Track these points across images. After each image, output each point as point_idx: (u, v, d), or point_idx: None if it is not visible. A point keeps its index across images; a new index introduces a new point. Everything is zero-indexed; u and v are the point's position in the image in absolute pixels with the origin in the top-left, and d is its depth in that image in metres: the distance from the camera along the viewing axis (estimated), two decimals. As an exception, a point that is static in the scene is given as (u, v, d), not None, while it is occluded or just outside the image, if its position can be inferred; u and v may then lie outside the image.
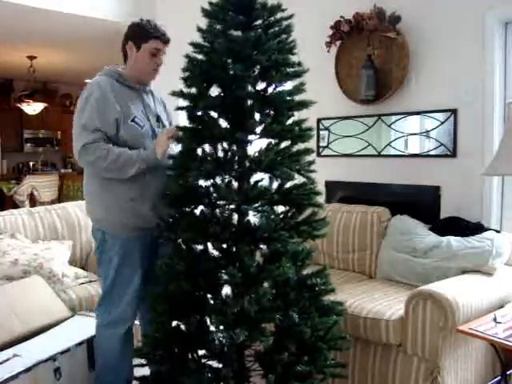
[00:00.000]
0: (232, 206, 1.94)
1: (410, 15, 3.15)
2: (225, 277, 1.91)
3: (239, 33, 1.95)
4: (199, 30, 1.99)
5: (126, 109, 2.19)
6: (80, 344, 2.42)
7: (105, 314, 2.28)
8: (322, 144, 3.71)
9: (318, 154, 3.68)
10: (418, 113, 3.22)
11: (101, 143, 2.13)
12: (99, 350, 2.34)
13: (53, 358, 2.28)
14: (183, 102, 2.06)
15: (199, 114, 2.01)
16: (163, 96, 2.47)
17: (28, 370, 2.16)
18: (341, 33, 3.40)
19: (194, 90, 2.00)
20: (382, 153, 3.41)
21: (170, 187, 2.11)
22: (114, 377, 2.28)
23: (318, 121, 3.70)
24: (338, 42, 3.47)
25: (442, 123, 3.10)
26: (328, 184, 3.60)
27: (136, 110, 2.24)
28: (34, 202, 7.20)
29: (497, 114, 2.88)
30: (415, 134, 3.26)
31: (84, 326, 2.56)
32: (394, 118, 3.34)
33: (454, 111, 3.03)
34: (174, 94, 2.03)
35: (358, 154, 3.52)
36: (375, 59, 3.28)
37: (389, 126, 3.36)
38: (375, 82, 3.27)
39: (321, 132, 3.71)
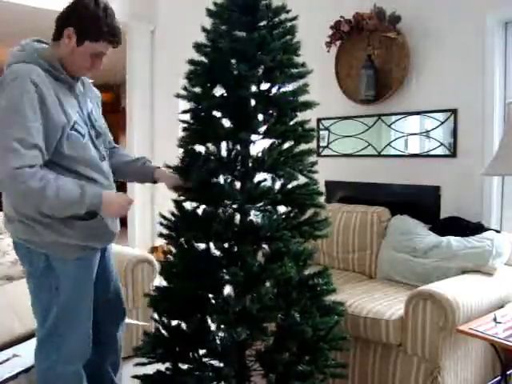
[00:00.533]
0: (234, 206, 1.94)
1: (409, 15, 3.15)
2: (227, 276, 1.91)
3: (244, 33, 1.95)
4: (204, 30, 1.99)
5: (65, 114, 1.73)
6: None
7: (52, 353, 1.82)
8: (322, 144, 3.71)
9: (318, 154, 3.69)
10: (418, 113, 3.22)
11: (39, 169, 1.64)
12: None
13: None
14: (186, 104, 2.06)
15: (202, 113, 2.01)
16: (168, 97, 2.33)
17: (27, 370, 2.15)
18: (341, 33, 3.41)
19: (197, 90, 2.00)
20: (382, 153, 3.41)
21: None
22: None
23: (318, 121, 3.70)
24: (338, 42, 3.47)
25: (442, 123, 3.10)
26: (328, 184, 3.60)
27: (74, 112, 1.78)
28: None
29: (497, 114, 2.88)
30: (415, 134, 3.26)
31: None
32: (393, 117, 3.34)
33: (454, 111, 3.03)
34: (179, 96, 2.03)
35: (358, 154, 3.52)
36: (375, 59, 3.29)
37: (389, 126, 3.36)
38: (375, 82, 3.28)
39: (321, 132, 3.71)
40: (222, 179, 1.98)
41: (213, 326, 1.95)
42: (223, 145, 1.96)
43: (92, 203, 1.73)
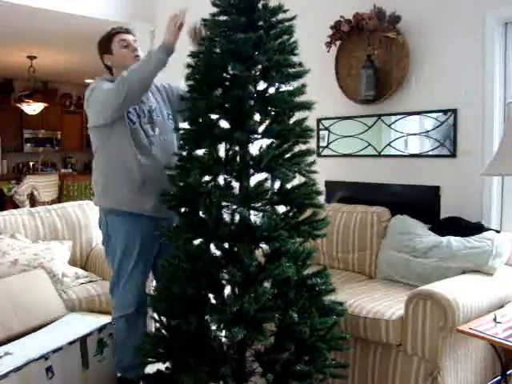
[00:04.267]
0: (234, 206, 1.94)
1: (410, 15, 3.15)
2: (226, 276, 1.91)
3: (241, 34, 1.95)
4: (202, 39, 2.00)
5: None
6: (73, 342, 2.41)
7: (114, 300, 2.49)
8: (322, 144, 3.71)
9: (318, 154, 3.68)
10: (418, 113, 3.22)
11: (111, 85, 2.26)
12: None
13: (45, 357, 2.26)
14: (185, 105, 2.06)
15: (200, 114, 2.01)
16: None
17: (19, 368, 2.15)
18: (341, 33, 3.40)
19: (195, 91, 2.01)
20: (382, 153, 3.40)
21: (170, 188, 2.11)
22: (119, 358, 2.47)
23: (318, 121, 3.70)
24: (337, 42, 3.46)
25: (442, 123, 3.10)
26: (328, 184, 3.60)
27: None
28: (34, 201, 7.20)
29: (497, 114, 2.87)
30: (415, 134, 3.26)
31: (79, 325, 2.56)
32: (393, 118, 3.33)
33: (454, 111, 3.03)
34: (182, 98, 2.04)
35: (358, 154, 3.52)
36: (375, 59, 3.28)
37: (389, 126, 3.36)
38: (375, 82, 3.27)
39: (321, 132, 3.71)
40: (221, 179, 1.98)
41: (213, 326, 1.95)
42: (221, 145, 1.96)
43: (160, 49, 2.18)
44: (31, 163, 9.21)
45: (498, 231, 2.76)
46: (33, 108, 8.11)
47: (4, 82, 8.84)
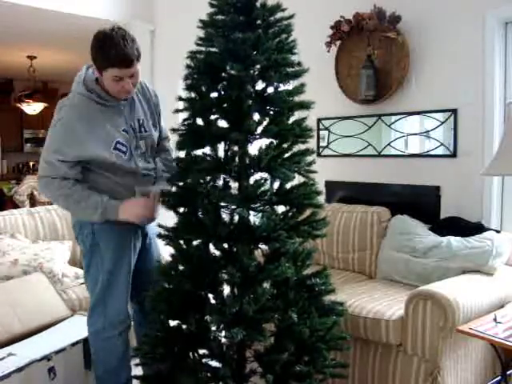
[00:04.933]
0: (233, 207, 1.94)
1: (410, 15, 3.15)
2: (225, 276, 1.91)
3: (239, 34, 1.95)
4: (200, 38, 2.00)
5: (106, 136, 2.06)
6: (75, 343, 2.41)
7: (100, 319, 2.18)
8: (322, 144, 3.71)
9: (318, 154, 3.68)
10: (418, 113, 3.22)
11: (64, 182, 2.03)
12: (98, 357, 2.22)
13: (47, 358, 2.27)
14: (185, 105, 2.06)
15: (199, 115, 2.01)
16: (167, 97, 2.44)
17: (21, 369, 2.15)
18: (341, 33, 3.40)
19: (194, 92, 2.00)
20: (382, 153, 3.40)
21: (170, 188, 2.11)
22: (116, 379, 2.21)
23: (318, 121, 3.70)
24: (337, 42, 3.46)
25: (442, 123, 3.10)
26: (328, 184, 3.60)
27: (118, 131, 2.10)
28: (34, 201, 7.19)
29: (497, 114, 2.87)
30: (415, 134, 3.26)
31: (82, 326, 2.56)
32: (393, 118, 3.33)
33: (454, 111, 3.03)
34: (180, 99, 2.04)
35: (357, 153, 3.51)
36: (375, 59, 3.28)
37: (389, 126, 3.36)
38: (375, 82, 3.27)
39: (321, 132, 3.71)
40: (221, 179, 1.98)
41: (212, 327, 1.95)
42: (219, 146, 1.96)
43: (107, 213, 2.05)
44: (31, 163, 9.20)
45: (498, 231, 2.76)
46: (33, 108, 8.11)
47: (4, 82, 8.84)
